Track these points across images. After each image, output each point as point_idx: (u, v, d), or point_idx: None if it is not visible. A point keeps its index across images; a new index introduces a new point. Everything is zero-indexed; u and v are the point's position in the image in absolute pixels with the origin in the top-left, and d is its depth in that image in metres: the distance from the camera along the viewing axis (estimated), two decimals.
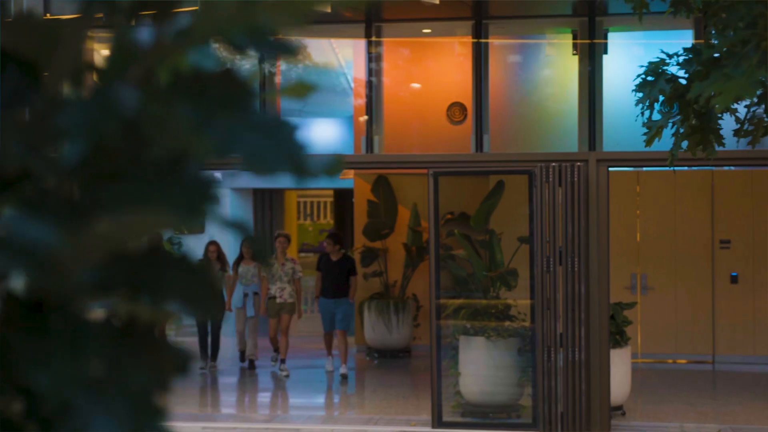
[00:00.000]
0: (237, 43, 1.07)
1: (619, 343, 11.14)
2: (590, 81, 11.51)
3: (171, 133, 1.01)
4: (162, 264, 1.02)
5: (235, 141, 1.03)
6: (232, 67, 1.06)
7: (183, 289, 1.02)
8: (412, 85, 13.20)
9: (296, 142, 1.06)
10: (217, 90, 1.05)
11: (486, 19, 11.90)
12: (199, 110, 1.03)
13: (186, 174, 1.01)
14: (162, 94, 1.04)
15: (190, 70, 1.04)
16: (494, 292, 12.05)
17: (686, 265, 14.13)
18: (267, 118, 1.05)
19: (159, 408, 1.00)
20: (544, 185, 10.66)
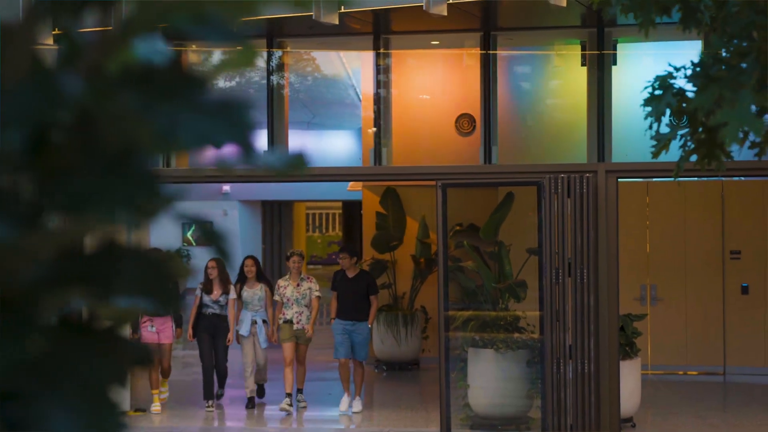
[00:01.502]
0: (183, 32, 1.08)
1: (629, 354, 11.09)
2: (599, 92, 11.49)
3: (117, 123, 1.02)
4: (116, 258, 1.02)
5: (180, 125, 1.05)
6: (178, 57, 1.07)
7: (138, 282, 1.02)
8: (421, 97, 13.20)
9: (244, 122, 1.08)
10: (164, 80, 1.06)
11: (494, 30, 11.90)
12: (144, 98, 1.03)
13: (135, 167, 1.02)
14: (108, 84, 1.04)
15: (138, 62, 1.04)
16: (503, 304, 12.02)
17: (696, 276, 14.08)
18: (214, 101, 1.06)
19: (114, 401, 1.00)
20: (553, 196, 10.64)
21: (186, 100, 1.05)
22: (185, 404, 12.67)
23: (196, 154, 1.06)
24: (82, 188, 1.01)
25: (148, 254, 1.04)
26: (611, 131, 11.44)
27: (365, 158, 12.89)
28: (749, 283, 13.99)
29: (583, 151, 11.60)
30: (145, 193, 1.03)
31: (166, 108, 1.05)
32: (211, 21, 1.09)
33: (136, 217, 1.02)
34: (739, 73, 2.83)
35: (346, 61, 14.75)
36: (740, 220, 13.97)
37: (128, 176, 1.03)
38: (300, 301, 12.21)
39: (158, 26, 1.07)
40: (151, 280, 1.03)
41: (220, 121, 1.06)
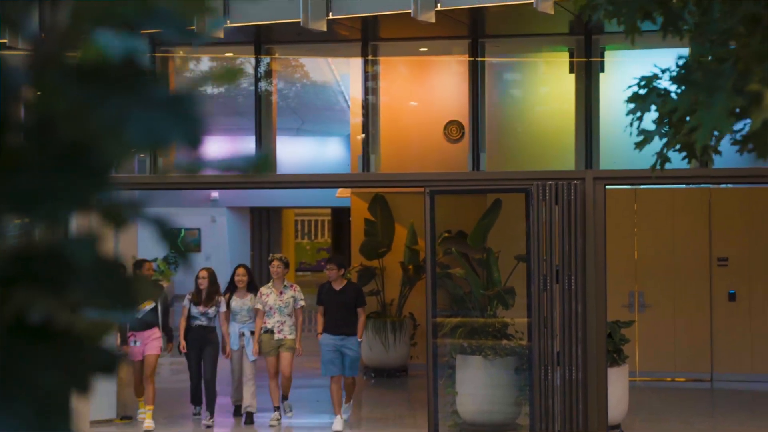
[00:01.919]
0: (132, 23, 1.08)
1: (617, 361, 11.10)
2: (587, 99, 11.52)
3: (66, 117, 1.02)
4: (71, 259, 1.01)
5: (129, 118, 1.05)
6: (132, 52, 1.06)
7: (91, 283, 1.01)
8: (410, 104, 13.21)
9: (193, 116, 1.08)
10: (117, 75, 1.06)
11: (482, 37, 11.92)
12: (95, 92, 1.03)
13: (86, 164, 1.02)
14: (60, 79, 1.04)
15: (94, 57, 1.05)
16: (491, 311, 12.03)
17: (684, 283, 14.11)
18: (166, 96, 1.06)
19: (68, 408, 0.98)
20: (541, 203, 10.65)
21: (137, 95, 1.05)
22: (173, 412, 12.63)
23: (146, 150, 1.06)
24: (30, 185, 1.01)
25: (102, 257, 1.03)
26: (599, 138, 11.47)
27: (354, 165, 12.89)
28: (736, 290, 14.02)
29: (571, 158, 11.62)
30: (96, 190, 1.02)
31: (116, 102, 1.05)
32: (161, 15, 1.09)
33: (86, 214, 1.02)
34: (717, 77, 2.84)
35: (334, 68, 14.76)
36: (727, 227, 14.01)
37: (80, 175, 1.02)
38: (282, 310, 11.66)
39: (107, 20, 1.07)
40: (106, 282, 1.02)
41: (169, 116, 1.06)
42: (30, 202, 0.98)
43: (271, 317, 11.66)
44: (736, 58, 2.86)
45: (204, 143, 1.06)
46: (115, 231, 1.08)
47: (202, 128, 1.05)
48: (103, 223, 1.03)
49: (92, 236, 0.99)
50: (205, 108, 1.09)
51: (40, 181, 1.00)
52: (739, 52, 2.88)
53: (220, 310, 11.78)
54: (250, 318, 11.83)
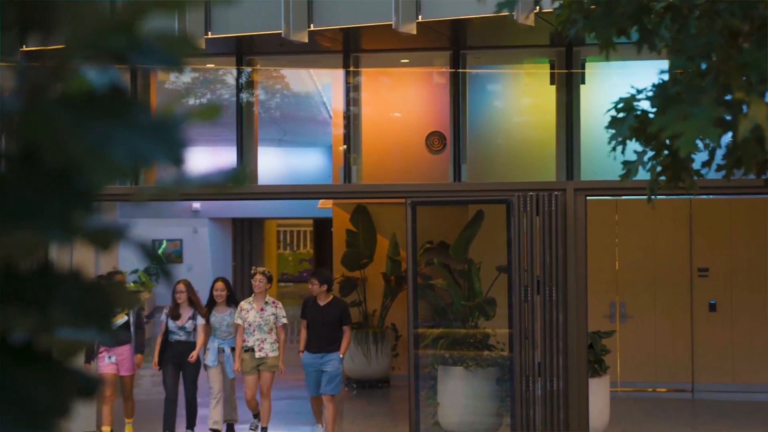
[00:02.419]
0: (120, 55, 1.10)
1: (598, 372, 11.13)
2: (568, 110, 11.57)
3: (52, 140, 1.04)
4: (52, 280, 1.03)
5: (112, 141, 1.07)
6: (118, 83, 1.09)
7: (74, 304, 1.03)
8: (391, 115, 13.24)
9: (175, 138, 1.10)
10: (102, 102, 1.09)
11: (464, 49, 11.96)
12: (80, 117, 1.05)
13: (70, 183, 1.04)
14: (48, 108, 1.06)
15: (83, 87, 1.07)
16: (473, 322, 12.05)
17: (665, 293, 14.16)
18: (147, 120, 1.08)
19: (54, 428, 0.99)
20: (522, 214, 10.68)
21: (121, 119, 1.06)
22: (154, 426, 12.56)
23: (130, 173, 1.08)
24: (15, 206, 1.02)
25: (85, 278, 1.05)
26: (580, 149, 11.51)
27: (335, 176, 12.89)
28: (717, 300, 14.09)
29: (552, 170, 11.66)
30: (81, 211, 1.04)
31: (101, 125, 1.06)
32: (149, 49, 1.11)
33: (70, 235, 1.03)
34: (699, 92, 2.86)
35: (316, 79, 14.77)
36: (708, 238, 14.08)
37: (63, 194, 1.04)
38: (262, 328, 11.13)
39: (96, 52, 1.09)
40: (89, 303, 1.03)
41: (152, 138, 1.08)
42: (15, 224, 0.99)
43: (251, 335, 11.16)
44: (717, 72, 2.88)
45: (186, 163, 1.08)
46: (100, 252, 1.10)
47: (184, 149, 1.07)
48: (88, 246, 1.04)
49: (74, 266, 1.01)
50: (187, 129, 1.11)
51: (26, 204, 1.01)
52: (719, 66, 2.91)
53: (197, 322, 11.28)
54: (229, 333, 11.34)
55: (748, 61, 2.80)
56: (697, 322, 14.09)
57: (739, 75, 2.93)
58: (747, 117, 2.56)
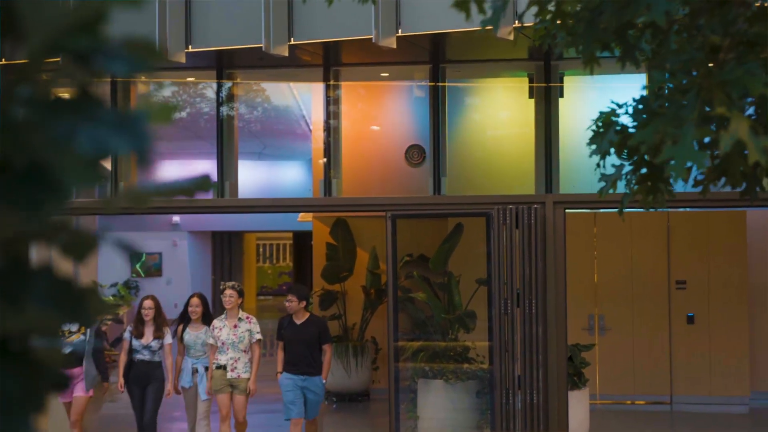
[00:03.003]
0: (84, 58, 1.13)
1: (578, 384, 11.17)
2: (546, 124, 11.63)
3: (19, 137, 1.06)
4: (26, 274, 1.05)
5: (77, 134, 1.09)
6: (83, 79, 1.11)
7: (48, 296, 1.04)
8: (371, 128, 13.26)
9: (140, 130, 1.12)
10: (70, 101, 1.12)
11: (443, 63, 12.01)
12: (44, 115, 1.08)
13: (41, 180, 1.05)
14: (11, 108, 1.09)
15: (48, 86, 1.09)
16: (453, 335, 12.06)
17: (643, 305, 14.23)
18: (114, 113, 1.11)
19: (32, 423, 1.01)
20: (502, 227, 10.72)
21: (85, 114, 1.09)
22: None
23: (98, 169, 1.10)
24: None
25: (57, 271, 1.07)
26: (559, 162, 11.57)
27: (316, 189, 12.90)
28: (695, 312, 14.17)
29: (531, 183, 11.71)
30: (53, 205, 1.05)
31: (65, 121, 1.08)
32: (113, 53, 1.13)
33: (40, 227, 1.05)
34: (681, 108, 2.90)
35: (296, 92, 14.79)
36: (685, 250, 14.16)
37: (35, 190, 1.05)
38: (236, 346, 10.51)
39: (59, 52, 1.12)
40: (63, 294, 1.05)
41: (118, 130, 1.10)
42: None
43: (224, 353, 10.52)
44: (699, 88, 2.92)
45: (153, 157, 1.10)
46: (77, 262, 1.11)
47: (149, 140, 1.10)
48: (64, 255, 1.06)
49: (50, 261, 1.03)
50: (153, 125, 1.13)
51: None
52: (701, 82, 2.95)
53: (164, 342, 10.64)
54: (204, 353, 10.77)
55: (729, 78, 2.83)
56: (676, 334, 14.17)
57: (720, 91, 2.97)
58: (729, 132, 2.60)
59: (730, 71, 2.85)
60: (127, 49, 1.11)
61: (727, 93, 2.79)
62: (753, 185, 3.42)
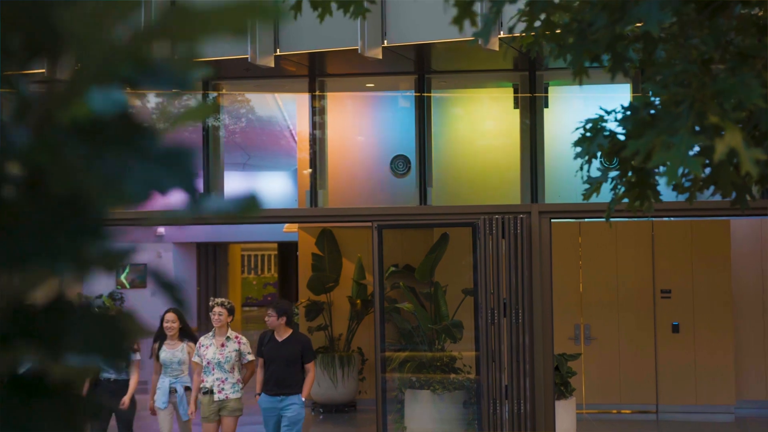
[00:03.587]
0: (130, 80, 1.10)
1: (564, 394, 11.19)
2: (531, 134, 11.67)
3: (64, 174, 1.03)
4: (65, 314, 1.03)
5: (127, 172, 1.06)
6: (126, 106, 1.08)
7: (88, 338, 1.03)
8: (356, 138, 13.28)
9: (188, 168, 1.10)
10: (113, 130, 1.08)
11: (428, 73, 12.04)
12: (92, 148, 1.05)
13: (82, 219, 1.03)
14: (56, 136, 1.05)
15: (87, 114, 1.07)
16: (439, 345, 12.07)
17: (628, 314, 14.27)
18: (160, 149, 1.09)
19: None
20: (488, 237, 10.74)
21: (132, 148, 1.06)
22: None
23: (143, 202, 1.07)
24: (25, 242, 1.01)
25: (98, 310, 1.05)
26: (544, 172, 11.61)
27: (301, 200, 12.90)
28: (679, 321, 14.21)
29: (516, 193, 11.74)
30: (93, 245, 1.03)
31: (113, 157, 1.06)
32: (158, 69, 1.11)
33: (82, 270, 1.03)
34: (675, 119, 2.92)
35: (281, 103, 14.79)
36: (670, 259, 14.22)
37: (75, 228, 1.03)
38: (223, 366, 9.85)
39: (106, 76, 1.09)
40: (103, 336, 1.03)
41: (165, 167, 1.08)
42: (26, 258, 0.99)
43: (210, 374, 9.88)
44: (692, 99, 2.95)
45: (198, 190, 1.09)
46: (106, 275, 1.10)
47: (195, 177, 1.08)
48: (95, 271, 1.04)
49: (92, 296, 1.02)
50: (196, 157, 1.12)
51: (36, 237, 1.00)
52: (694, 93, 2.97)
53: (133, 358, 9.95)
54: (181, 371, 10.22)
55: (723, 88, 2.86)
56: (661, 343, 14.21)
57: (713, 102, 2.99)
58: (724, 140, 2.62)
59: (724, 82, 2.87)
60: (173, 67, 1.10)
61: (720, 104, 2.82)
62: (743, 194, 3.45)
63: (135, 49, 1.07)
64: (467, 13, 3.32)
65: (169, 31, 1.10)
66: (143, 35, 1.06)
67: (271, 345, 9.86)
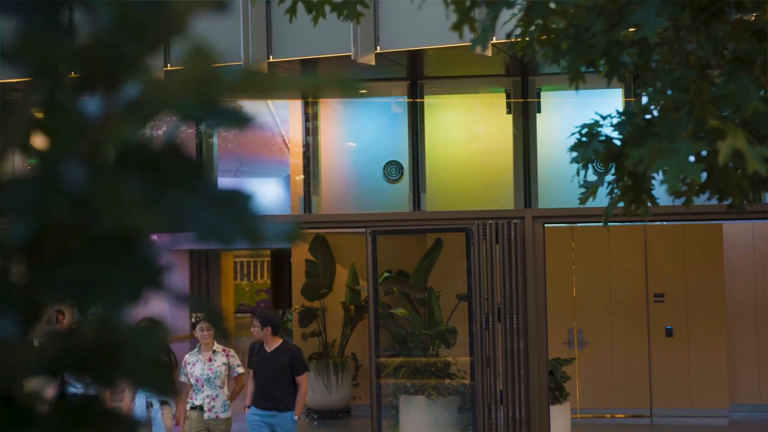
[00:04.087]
0: (188, 115, 1.07)
1: (559, 399, 11.20)
2: (524, 139, 11.69)
3: (121, 210, 1.00)
4: (113, 349, 1.02)
5: (188, 215, 1.02)
6: (180, 141, 1.06)
7: (136, 372, 1.02)
8: (349, 144, 13.28)
9: (250, 212, 1.06)
10: (167, 164, 1.04)
11: (421, 79, 12.06)
12: (150, 186, 1.02)
13: (137, 253, 1.00)
14: (110, 170, 1.02)
15: (137, 144, 1.03)
16: (434, 350, 12.07)
17: (622, 319, 14.29)
18: (219, 190, 1.05)
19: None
20: (482, 243, 10.75)
21: (192, 188, 1.02)
22: None
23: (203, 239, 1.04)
24: (81, 278, 0.99)
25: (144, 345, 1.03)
26: (537, 178, 11.63)
27: (295, 206, 12.90)
28: (673, 325, 14.24)
29: (510, 198, 11.75)
30: (148, 281, 1.01)
31: (172, 196, 1.02)
32: (218, 106, 1.07)
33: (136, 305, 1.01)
34: (674, 125, 2.93)
35: (273, 109, 14.79)
36: (663, 263, 14.24)
37: (130, 265, 1.01)
38: (212, 382, 9.28)
39: (165, 110, 1.05)
40: (147, 371, 1.02)
41: (227, 211, 1.03)
42: (82, 295, 0.98)
43: (199, 391, 9.29)
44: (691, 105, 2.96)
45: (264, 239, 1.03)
46: None
47: (262, 225, 1.04)
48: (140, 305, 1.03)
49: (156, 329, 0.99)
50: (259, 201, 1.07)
51: (92, 275, 0.98)
52: (693, 99, 2.98)
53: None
54: None
55: (722, 93, 2.87)
56: (654, 347, 14.23)
57: (712, 107, 3.00)
58: (726, 142, 2.63)
59: (722, 87, 2.89)
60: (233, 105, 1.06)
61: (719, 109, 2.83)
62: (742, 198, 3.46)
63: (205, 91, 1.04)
64: (467, 20, 3.33)
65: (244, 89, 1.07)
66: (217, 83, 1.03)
67: (260, 356, 9.32)
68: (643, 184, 3.84)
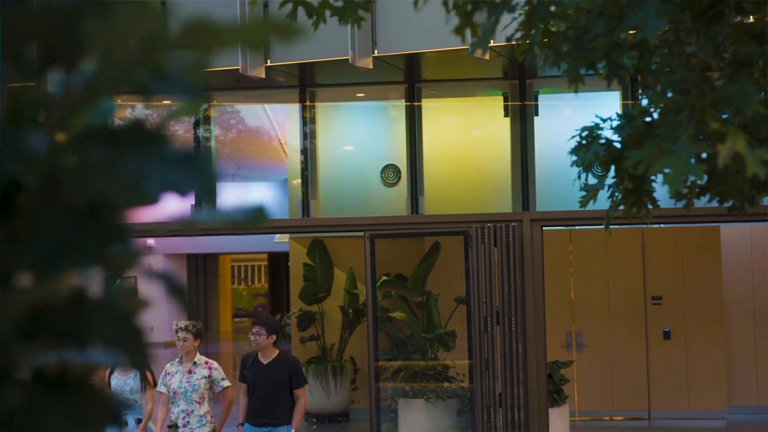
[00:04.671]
0: (145, 88, 1.12)
1: (557, 401, 11.20)
2: (522, 142, 11.70)
3: (84, 176, 1.05)
4: (86, 311, 1.04)
5: (146, 175, 1.08)
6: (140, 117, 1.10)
7: (108, 334, 1.04)
8: (346, 148, 13.29)
9: (207, 169, 1.11)
10: (128, 135, 1.10)
11: (418, 82, 12.07)
12: (111, 152, 1.07)
13: (103, 220, 1.05)
14: (74, 140, 1.07)
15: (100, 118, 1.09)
16: (432, 354, 12.07)
17: (620, 321, 14.30)
18: (177, 151, 1.10)
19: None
20: (480, 246, 10.75)
21: (149, 151, 1.08)
22: None
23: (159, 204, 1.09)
24: (50, 245, 1.03)
25: (118, 307, 1.06)
26: (535, 180, 11.64)
27: (292, 210, 12.90)
28: (671, 327, 14.25)
29: (508, 201, 11.76)
30: (116, 245, 1.05)
31: (132, 159, 1.08)
32: (171, 76, 1.12)
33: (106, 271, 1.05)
34: (675, 127, 2.94)
35: (270, 113, 14.79)
36: (660, 266, 14.25)
37: (97, 230, 1.05)
38: (188, 396, 8.50)
39: (122, 83, 1.11)
40: (122, 332, 1.05)
41: (184, 169, 1.09)
42: (52, 260, 1.01)
43: (175, 405, 8.54)
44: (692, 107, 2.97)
45: (217, 193, 1.10)
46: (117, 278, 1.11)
47: (215, 179, 1.10)
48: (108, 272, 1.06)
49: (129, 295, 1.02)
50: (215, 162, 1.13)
51: (59, 239, 1.02)
52: (694, 102, 2.99)
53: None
54: (137, 402, 9.03)
55: (722, 97, 2.88)
56: (652, 350, 14.24)
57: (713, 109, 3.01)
58: (726, 145, 2.64)
59: (723, 90, 2.89)
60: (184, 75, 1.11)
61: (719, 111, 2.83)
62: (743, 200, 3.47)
63: (154, 57, 1.08)
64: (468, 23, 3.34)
65: (187, 42, 1.11)
66: (163, 44, 1.08)
67: (255, 368, 8.53)
68: (643, 186, 3.85)
